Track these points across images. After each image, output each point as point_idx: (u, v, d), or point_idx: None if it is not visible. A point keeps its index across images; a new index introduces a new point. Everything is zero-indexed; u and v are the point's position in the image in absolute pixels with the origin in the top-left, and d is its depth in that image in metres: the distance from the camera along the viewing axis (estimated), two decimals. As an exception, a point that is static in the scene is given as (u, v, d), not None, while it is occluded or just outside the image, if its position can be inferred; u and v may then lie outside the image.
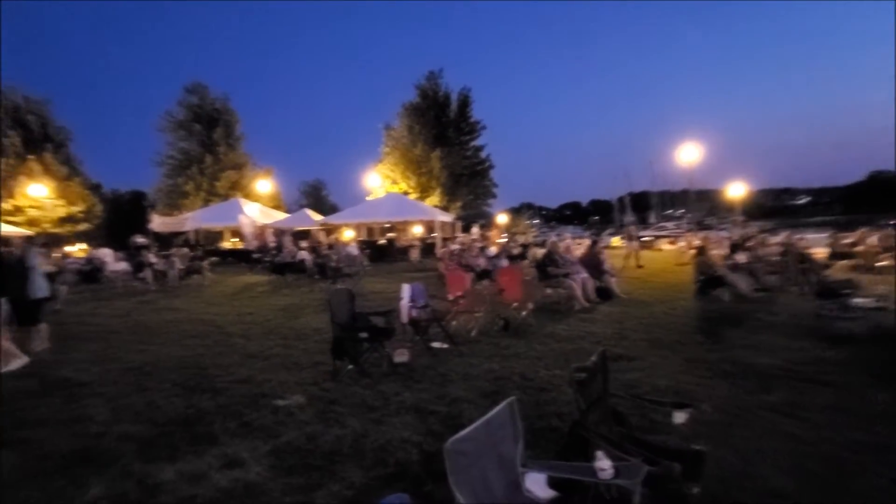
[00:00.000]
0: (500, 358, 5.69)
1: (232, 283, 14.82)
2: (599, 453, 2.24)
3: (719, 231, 25.24)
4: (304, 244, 18.53)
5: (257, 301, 11.04)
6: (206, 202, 31.17)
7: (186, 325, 8.31)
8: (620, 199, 67.39)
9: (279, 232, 22.03)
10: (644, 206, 65.78)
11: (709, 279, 9.33)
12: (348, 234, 23.69)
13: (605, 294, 9.38)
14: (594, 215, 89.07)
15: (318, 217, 26.82)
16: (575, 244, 13.56)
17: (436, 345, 6.10)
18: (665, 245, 25.43)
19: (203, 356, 6.23)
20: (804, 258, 12.44)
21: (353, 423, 3.95)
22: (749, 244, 12.99)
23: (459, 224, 28.75)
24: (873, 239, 15.44)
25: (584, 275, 9.28)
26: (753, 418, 3.87)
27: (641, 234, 32.20)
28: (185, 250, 18.22)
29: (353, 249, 17.83)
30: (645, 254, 22.83)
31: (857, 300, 6.92)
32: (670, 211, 57.86)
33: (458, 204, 34.90)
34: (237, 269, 18.27)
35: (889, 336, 5.97)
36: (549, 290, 9.23)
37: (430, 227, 24.91)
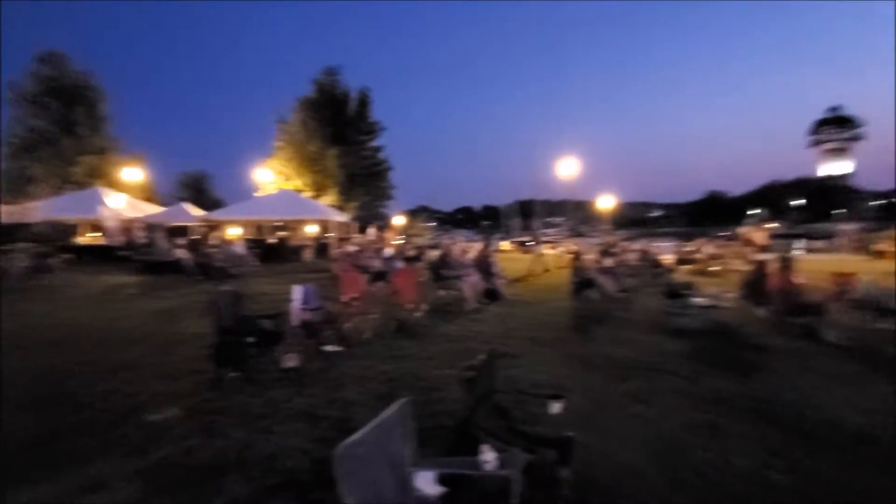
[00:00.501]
0: (393, 359, 5.73)
1: (93, 283, 13.01)
2: (484, 447, 2.39)
3: (591, 238, 27.81)
4: (180, 241, 16.88)
5: (126, 304, 9.84)
6: (59, 190, 26.93)
7: (40, 332, 7.15)
8: (509, 206, 71.21)
9: (150, 227, 19.83)
10: (529, 213, 70.33)
11: (582, 281, 10.27)
12: (234, 232, 22.07)
13: (493, 295, 9.88)
14: (486, 220, 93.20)
15: (198, 212, 24.59)
16: (467, 247, 14.08)
17: (328, 348, 5.96)
18: (546, 250, 27.43)
19: (60, 367, 5.42)
20: (656, 263, 14.23)
21: (238, 433, 3.72)
22: (614, 250, 14.53)
23: (355, 225, 28.26)
24: (709, 247, 18.14)
25: (475, 277, 9.69)
26: (614, 405, 4.38)
27: (525, 238, 34.49)
28: (32, 245, 15.61)
29: (240, 248, 16.67)
30: (529, 258, 24.48)
31: (695, 300, 8.12)
32: (552, 218, 62.65)
33: (355, 204, 34.27)
34: (99, 268, 16.07)
35: (718, 330, 7.09)
36: (441, 292, 9.48)
37: (324, 226, 24.15)
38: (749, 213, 62.04)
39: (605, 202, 34.47)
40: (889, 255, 16.30)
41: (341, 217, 25.59)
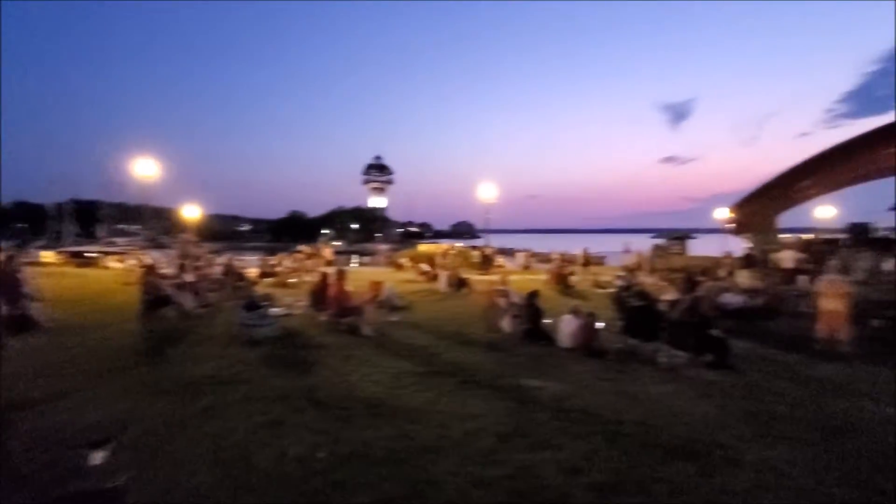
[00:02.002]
0: None
1: None
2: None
3: (173, 250, 25.04)
4: None
5: None
6: None
7: None
8: (60, 206, 54.89)
9: None
10: (93, 218, 56.28)
11: (155, 299, 9.13)
12: None
13: (23, 325, 7.38)
14: (19, 221, 67.51)
15: None
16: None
17: None
18: (113, 263, 22.70)
19: None
20: (240, 277, 14.30)
21: None
22: (198, 264, 13.67)
23: None
24: (288, 261, 19.71)
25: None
26: (185, 428, 4.14)
27: (84, 248, 27.42)
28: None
29: None
30: (91, 272, 19.56)
31: (273, 310, 8.69)
32: (125, 225, 52.22)
33: None
34: None
35: (288, 335, 7.83)
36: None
37: None
38: (322, 231, 71.44)
39: (191, 212, 31.83)
40: (405, 267, 22.37)
41: None
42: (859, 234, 22.08)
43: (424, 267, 18.40)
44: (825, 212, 26.46)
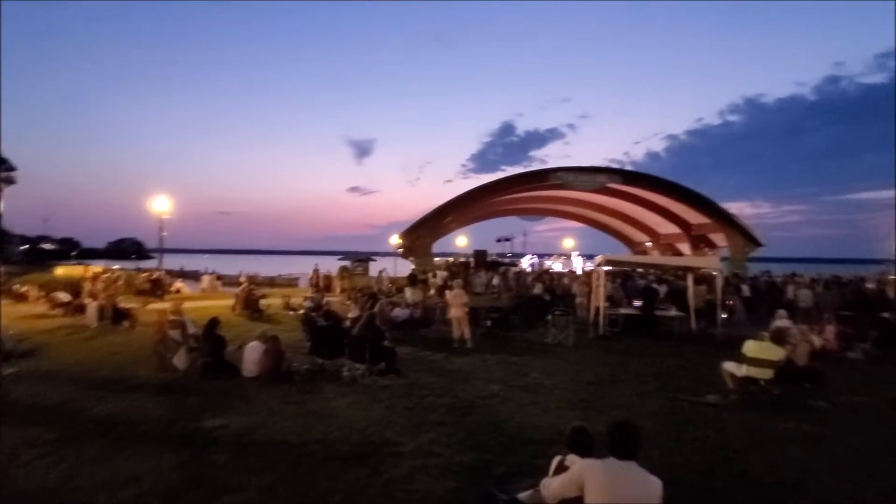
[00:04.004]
0: None
1: None
2: None
3: None
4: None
5: None
6: None
7: None
8: None
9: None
10: None
11: None
12: None
13: None
14: None
15: None
16: None
17: None
18: None
19: None
20: None
21: None
22: None
23: None
24: None
25: None
26: None
27: None
28: None
29: None
30: None
31: None
32: None
33: None
34: None
35: None
36: None
37: None
38: None
39: None
40: (31, 298, 16.39)
41: None
42: (479, 258, 29.85)
43: (62, 296, 14.04)
44: (462, 241, 34.63)
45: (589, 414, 5.36)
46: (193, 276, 29.45)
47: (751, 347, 6.03)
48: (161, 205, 21.44)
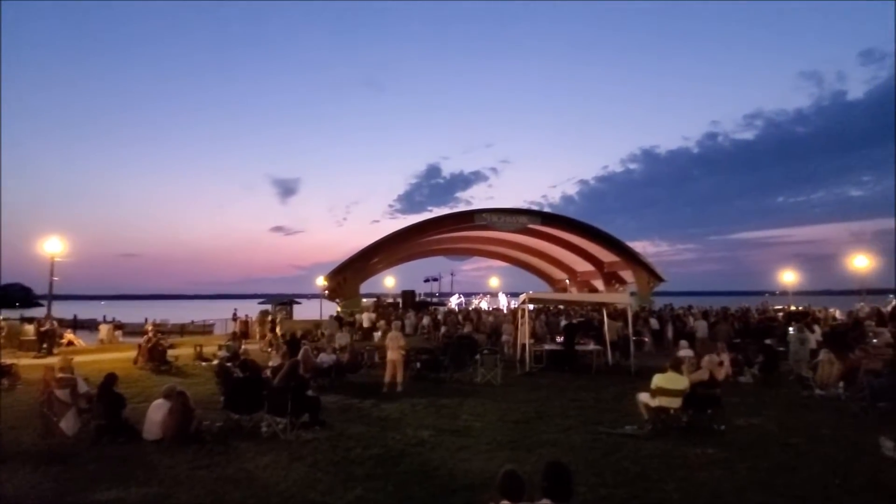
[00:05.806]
0: None
1: None
2: None
3: None
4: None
5: None
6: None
7: None
8: None
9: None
10: None
11: None
12: None
13: None
14: None
15: None
16: None
17: None
18: None
19: None
20: None
21: None
22: None
23: None
24: None
25: None
26: None
27: None
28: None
29: None
30: None
31: None
32: None
33: None
34: None
35: None
36: None
37: None
38: None
39: None
40: None
41: None
42: (408, 298, 29.63)
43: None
44: (389, 281, 34.21)
45: (518, 454, 5.36)
46: (90, 326, 26.11)
47: (659, 379, 6.46)
48: (53, 246, 18.88)
